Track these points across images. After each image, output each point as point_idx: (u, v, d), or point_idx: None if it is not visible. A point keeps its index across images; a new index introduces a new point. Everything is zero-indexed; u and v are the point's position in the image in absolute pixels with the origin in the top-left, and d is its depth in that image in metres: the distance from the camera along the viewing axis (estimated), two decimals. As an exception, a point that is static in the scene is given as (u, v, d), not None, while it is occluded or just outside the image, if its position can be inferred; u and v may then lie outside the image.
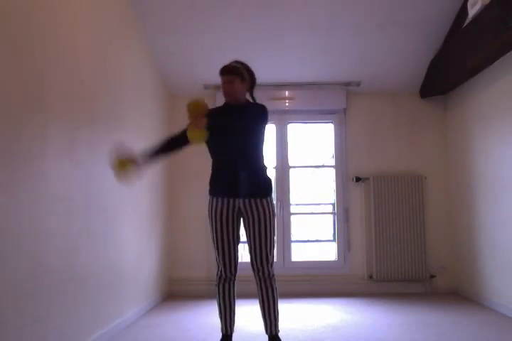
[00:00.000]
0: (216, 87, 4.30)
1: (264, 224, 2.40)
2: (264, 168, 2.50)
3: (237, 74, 2.41)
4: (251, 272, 2.47)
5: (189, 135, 2.24)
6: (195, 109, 2.30)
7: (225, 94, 2.44)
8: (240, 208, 2.42)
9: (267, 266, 2.41)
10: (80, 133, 2.51)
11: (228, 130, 2.41)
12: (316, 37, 3.83)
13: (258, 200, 2.41)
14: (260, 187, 2.45)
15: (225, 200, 2.41)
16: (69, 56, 2.40)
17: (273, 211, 2.44)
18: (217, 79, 4.18)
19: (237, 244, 2.47)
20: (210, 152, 2.51)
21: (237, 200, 2.41)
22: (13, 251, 1.89)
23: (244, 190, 2.40)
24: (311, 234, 9.69)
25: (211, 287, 4.27)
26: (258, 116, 2.44)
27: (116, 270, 3.01)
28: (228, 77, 2.40)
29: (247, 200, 2.41)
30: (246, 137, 2.44)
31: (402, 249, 4.22)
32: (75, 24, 2.48)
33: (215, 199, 2.43)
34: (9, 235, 1.87)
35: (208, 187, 2.50)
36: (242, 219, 2.46)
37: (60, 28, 2.32)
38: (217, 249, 2.43)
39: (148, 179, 3.76)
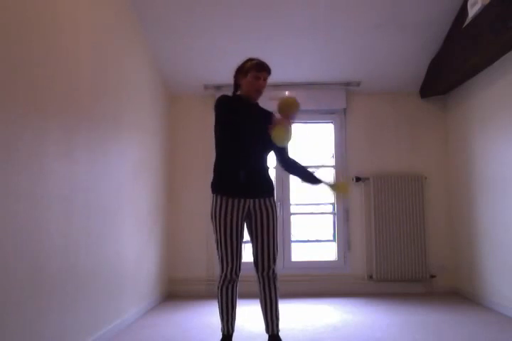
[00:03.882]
0: (216, 87, 4.31)
1: (272, 223, 2.43)
2: (268, 168, 2.54)
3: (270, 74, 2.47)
4: (250, 272, 2.47)
5: (276, 134, 2.18)
6: (290, 107, 2.24)
7: (258, 91, 2.43)
8: (249, 208, 2.41)
9: (274, 264, 2.43)
10: (79, 133, 2.51)
11: (254, 130, 2.40)
12: (315, 37, 3.83)
13: (267, 200, 2.45)
14: (268, 186, 2.49)
15: (236, 200, 2.37)
16: (69, 56, 2.40)
17: (277, 210, 2.49)
18: (217, 80, 4.25)
19: (243, 244, 2.45)
20: (225, 150, 2.44)
21: (247, 200, 2.40)
22: (13, 251, 1.89)
23: (256, 190, 2.42)
24: (311, 234, 9.69)
25: (211, 287, 4.27)
26: None
27: (116, 270, 3.01)
28: (267, 75, 2.43)
29: (257, 200, 2.42)
30: (265, 139, 2.45)
31: (402, 249, 4.22)
32: (75, 24, 2.48)
33: (224, 199, 2.37)
34: (9, 235, 1.87)
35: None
36: (248, 219, 2.46)
37: (61, 28, 2.32)
38: (226, 250, 2.36)
39: (148, 179, 3.76)
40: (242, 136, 2.40)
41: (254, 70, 2.40)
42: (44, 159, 2.13)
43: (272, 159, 2.61)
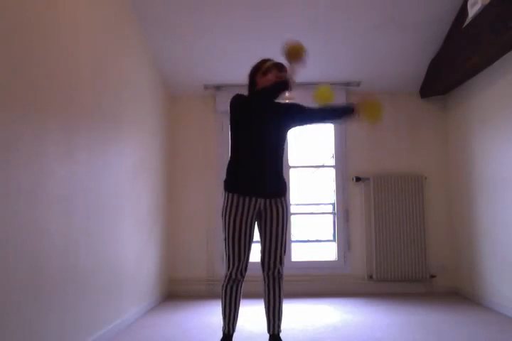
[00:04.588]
0: (216, 87, 4.31)
1: (282, 224, 2.42)
2: (282, 168, 2.51)
3: None
4: (254, 272, 2.46)
5: (318, 94, 2.24)
6: (298, 52, 2.29)
7: None
8: (260, 208, 2.39)
9: (280, 264, 2.42)
10: (79, 133, 2.51)
11: (268, 129, 2.41)
12: (315, 37, 3.83)
13: (278, 200, 2.43)
14: (282, 186, 2.48)
15: (247, 199, 2.34)
16: (69, 56, 2.40)
17: (289, 210, 2.46)
18: (217, 80, 4.25)
19: (251, 245, 2.42)
20: (240, 148, 2.42)
21: (259, 200, 2.38)
22: (13, 251, 1.89)
23: (270, 190, 2.41)
24: (311, 234, 9.70)
25: (211, 287, 4.27)
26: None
27: (116, 270, 3.01)
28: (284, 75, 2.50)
29: (268, 200, 2.40)
30: (280, 138, 2.49)
31: (402, 249, 4.22)
32: (75, 24, 2.48)
33: (235, 197, 2.34)
34: (9, 235, 1.87)
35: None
36: (258, 218, 2.44)
37: (61, 28, 2.32)
38: (233, 249, 2.34)
39: (148, 179, 3.76)
40: (258, 136, 2.40)
41: (275, 69, 2.48)
42: (44, 159, 2.13)
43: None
